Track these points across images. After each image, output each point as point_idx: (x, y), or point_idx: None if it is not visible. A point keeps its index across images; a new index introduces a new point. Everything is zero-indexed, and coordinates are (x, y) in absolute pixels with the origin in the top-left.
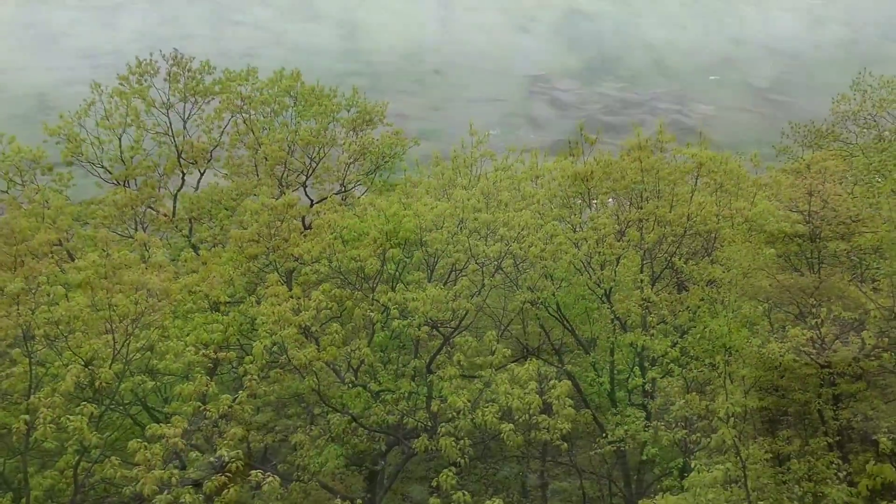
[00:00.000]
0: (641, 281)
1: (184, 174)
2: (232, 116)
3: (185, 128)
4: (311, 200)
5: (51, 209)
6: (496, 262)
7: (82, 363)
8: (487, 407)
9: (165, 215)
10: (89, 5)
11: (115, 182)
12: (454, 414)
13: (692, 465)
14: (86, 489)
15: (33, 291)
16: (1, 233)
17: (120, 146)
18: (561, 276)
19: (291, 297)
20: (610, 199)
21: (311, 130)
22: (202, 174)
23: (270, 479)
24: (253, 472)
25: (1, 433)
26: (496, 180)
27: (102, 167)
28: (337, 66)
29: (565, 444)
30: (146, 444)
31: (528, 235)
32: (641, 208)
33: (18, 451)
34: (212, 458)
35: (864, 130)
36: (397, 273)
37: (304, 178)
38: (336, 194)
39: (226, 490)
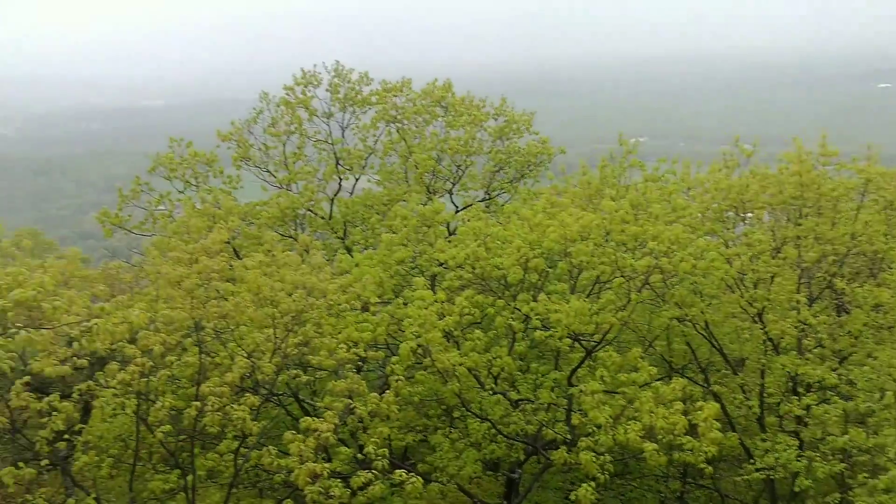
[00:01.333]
0: (798, 301)
1: (340, 179)
2: (386, 125)
3: (343, 136)
4: (457, 207)
5: (221, 210)
6: (644, 277)
7: (245, 355)
8: (630, 424)
9: (323, 218)
10: None
11: (279, 185)
12: (594, 429)
13: None
14: (241, 473)
15: (205, 287)
16: (178, 231)
17: (284, 152)
18: (711, 292)
19: (436, 301)
20: (766, 215)
21: (460, 139)
22: (357, 180)
23: (414, 479)
24: (397, 471)
25: (171, 414)
26: (645, 191)
27: (268, 171)
28: None
29: (710, 468)
30: (300, 436)
31: (678, 250)
32: (800, 225)
33: (187, 433)
34: (359, 455)
35: None
36: (540, 283)
37: (450, 185)
38: (480, 201)
39: (371, 486)
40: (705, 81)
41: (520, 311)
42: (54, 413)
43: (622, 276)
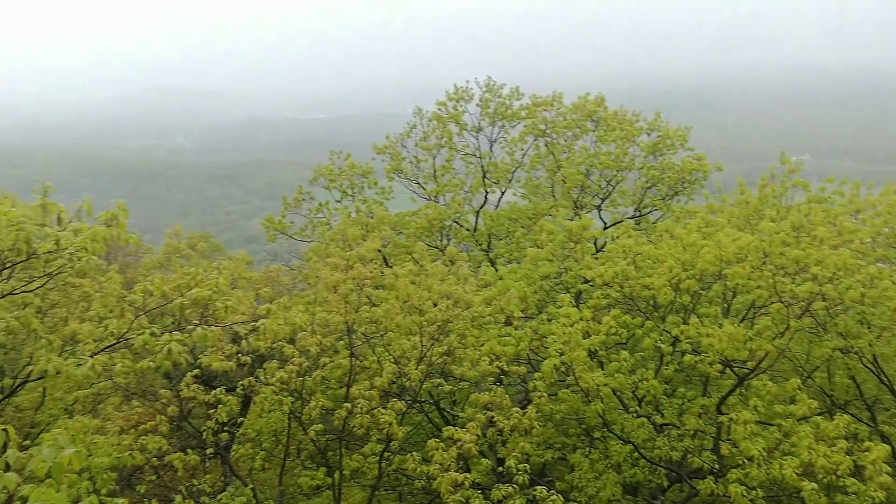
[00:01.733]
0: None
1: (487, 192)
2: (534, 140)
3: (491, 149)
4: (605, 224)
5: (374, 219)
6: (805, 304)
7: (393, 361)
8: (786, 460)
9: (468, 230)
10: None
11: (427, 197)
12: (745, 461)
13: None
14: (383, 476)
15: (358, 292)
16: (334, 238)
17: (434, 165)
18: (881, 324)
19: (582, 319)
20: None
21: (611, 154)
22: (503, 193)
23: (554, 496)
24: (538, 487)
25: (322, 413)
26: (809, 213)
27: (417, 183)
28: None
29: None
30: (443, 444)
31: (844, 276)
32: None
33: (335, 433)
34: (499, 468)
35: None
36: (691, 305)
37: (599, 200)
38: (630, 218)
39: (510, 500)
40: (876, 96)
41: (669, 333)
42: (220, 405)
43: (780, 302)
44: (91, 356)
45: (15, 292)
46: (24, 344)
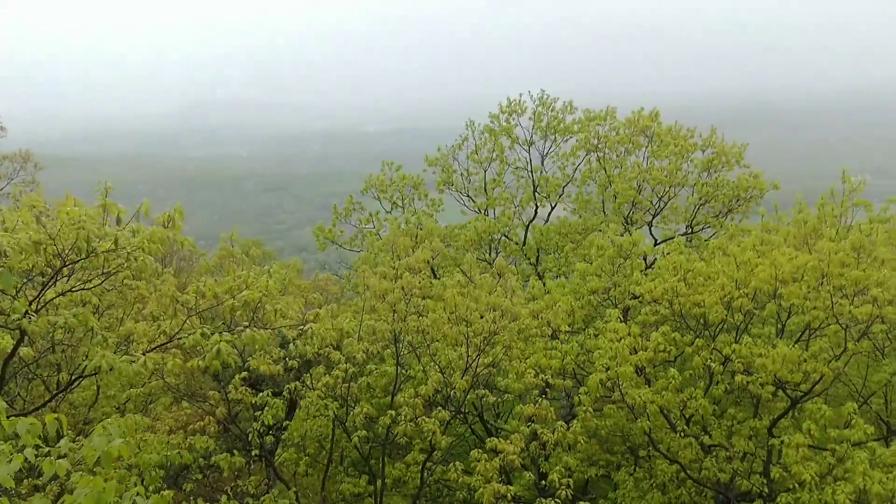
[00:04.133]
0: None
1: (537, 207)
2: (586, 154)
3: (542, 164)
4: (656, 240)
5: (424, 231)
6: (864, 326)
7: (439, 370)
8: (839, 486)
9: (517, 244)
10: None
11: (477, 210)
12: (796, 485)
13: None
14: (423, 486)
15: (406, 302)
16: (383, 249)
17: (484, 178)
18: None
19: (630, 334)
20: None
21: (664, 170)
22: (553, 207)
23: None
24: (580, 503)
25: (366, 420)
26: (870, 233)
27: (468, 196)
28: None
29: None
30: (486, 456)
31: None
32: None
33: (377, 440)
34: (543, 482)
35: None
36: (743, 324)
37: (650, 217)
38: (682, 235)
39: None
40: None
41: (720, 352)
42: (266, 408)
43: (838, 324)
44: (143, 354)
45: (74, 290)
46: (80, 342)
